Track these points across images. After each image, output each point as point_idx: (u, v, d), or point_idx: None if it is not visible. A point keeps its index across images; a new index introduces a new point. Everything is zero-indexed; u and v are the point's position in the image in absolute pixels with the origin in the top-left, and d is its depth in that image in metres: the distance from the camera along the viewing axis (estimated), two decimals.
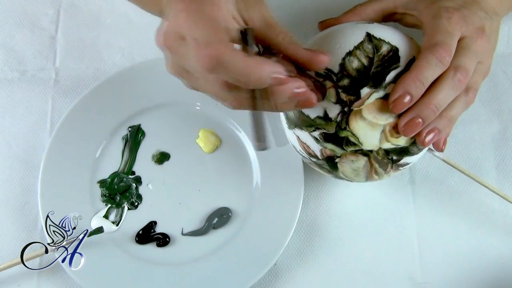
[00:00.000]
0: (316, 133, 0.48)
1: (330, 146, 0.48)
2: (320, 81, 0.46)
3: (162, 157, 0.62)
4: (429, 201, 0.61)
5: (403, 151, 0.48)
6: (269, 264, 0.57)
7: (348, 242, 0.60)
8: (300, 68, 0.44)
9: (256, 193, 0.61)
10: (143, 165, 0.62)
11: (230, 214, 0.60)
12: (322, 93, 0.46)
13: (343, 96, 0.46)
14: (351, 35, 0.48)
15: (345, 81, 0.46)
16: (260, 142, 0.43)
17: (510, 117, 0.64)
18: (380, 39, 0.48)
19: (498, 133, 0.63)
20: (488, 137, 0.63)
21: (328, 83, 0.47)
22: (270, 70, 0.40)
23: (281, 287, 0.60)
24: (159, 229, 0.60)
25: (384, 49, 0.47)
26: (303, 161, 0.59)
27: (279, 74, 0.40)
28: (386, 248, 0.60)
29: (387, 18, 0.54)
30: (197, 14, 0.40)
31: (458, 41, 0.47)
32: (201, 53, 0.39)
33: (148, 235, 0.60)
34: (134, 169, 0.62)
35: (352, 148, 0.47)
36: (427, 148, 0.51)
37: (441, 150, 0.51)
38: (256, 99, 0.42)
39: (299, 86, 0.41)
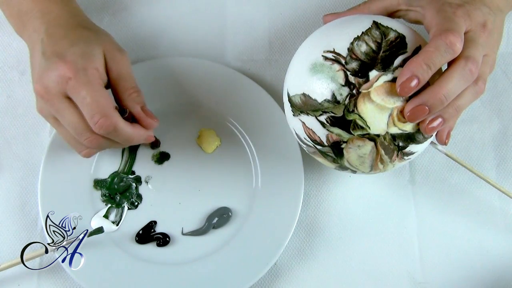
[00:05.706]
0: (323, 117, 0.48)
1: (336, 130, 0.48)
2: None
3: (162, 157, 0.62)
4: (429, 200, 0.61)
5: (409, 138, 0.49)
6: (269, 264, 0.57)
7: (348, 242, 0.61)
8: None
9: (256, 192, 0.61)
10: (143, 165, 0.62)
11: (230, 213, 0.60)
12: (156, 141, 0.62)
13: (352, 78, 0.47)
14: (359, 23, 0.49)
15: (354, 64, 0.47)
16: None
17: (510, 116, 0.64)
18: (387, 27, 0.48)
19: (498, 132, 0.63)
20: (488, 137, 0.63)
21: (337, 66, 0.47)
22: (145, 135, 0.54)
23: (281, 286, 0.60)
24: (159, 229, 0.60)
25: (392, 35, 0.48)
26: (303, 159, 0.59)
27: (148, 135, 0.54)
28: (386, 248, 0.60)
29: (390, 15, 0.55)
30: (85, 83, 0.49)
31: (464, 34, 0.47)
32: (99, 124, 0.49)
33: (148, 235, 0.60)
34: (134, 169, 0.62)
35: (359, 132, 0.47)
36: (431, 138, 0.51)
37: (445, 143, 0.51)
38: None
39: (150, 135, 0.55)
